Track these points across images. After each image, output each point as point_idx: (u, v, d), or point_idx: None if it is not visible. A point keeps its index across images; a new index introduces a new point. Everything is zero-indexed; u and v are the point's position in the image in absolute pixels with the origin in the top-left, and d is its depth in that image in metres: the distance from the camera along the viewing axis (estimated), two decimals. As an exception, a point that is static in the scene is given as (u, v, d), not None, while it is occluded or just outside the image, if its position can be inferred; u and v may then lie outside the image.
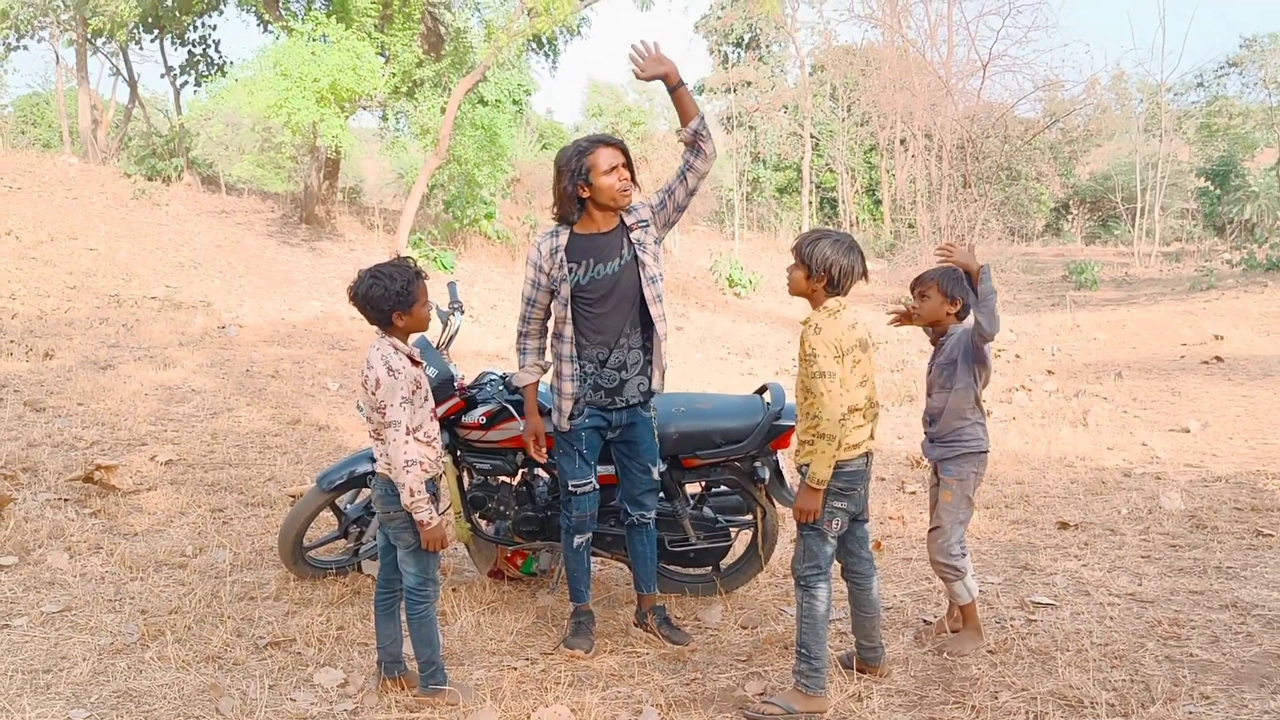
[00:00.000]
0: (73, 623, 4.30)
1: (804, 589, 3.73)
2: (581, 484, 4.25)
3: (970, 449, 4.18)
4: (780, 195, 37.73)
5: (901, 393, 11.04)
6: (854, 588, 3.94)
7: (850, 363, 3.60)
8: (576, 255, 4.07)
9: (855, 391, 3.64)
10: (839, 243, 3.60)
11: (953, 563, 4.14)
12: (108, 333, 10.51)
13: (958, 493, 4.17)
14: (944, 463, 4.24)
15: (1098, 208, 40.66)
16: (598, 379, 4.16)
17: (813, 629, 3.68)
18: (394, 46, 18.10)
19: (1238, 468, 7.25)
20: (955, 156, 19.77)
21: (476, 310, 15.26)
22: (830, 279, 3.59)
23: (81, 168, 19.80)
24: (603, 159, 3.99)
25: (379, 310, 3.50)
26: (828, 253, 3.57)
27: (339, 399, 9.19)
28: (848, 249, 3.60)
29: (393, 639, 3.80)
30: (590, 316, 4.10)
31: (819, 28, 36.78)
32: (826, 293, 3.63)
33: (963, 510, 4.19)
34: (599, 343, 4.13)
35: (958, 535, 4.16)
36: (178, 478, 6.50)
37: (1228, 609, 4.50)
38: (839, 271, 3.58)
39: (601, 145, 4.03)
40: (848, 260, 3.59)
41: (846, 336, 3.60)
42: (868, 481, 3.81)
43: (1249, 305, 16.62)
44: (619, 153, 4.05)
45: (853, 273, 3.61)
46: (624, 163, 4.05)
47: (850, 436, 3.63)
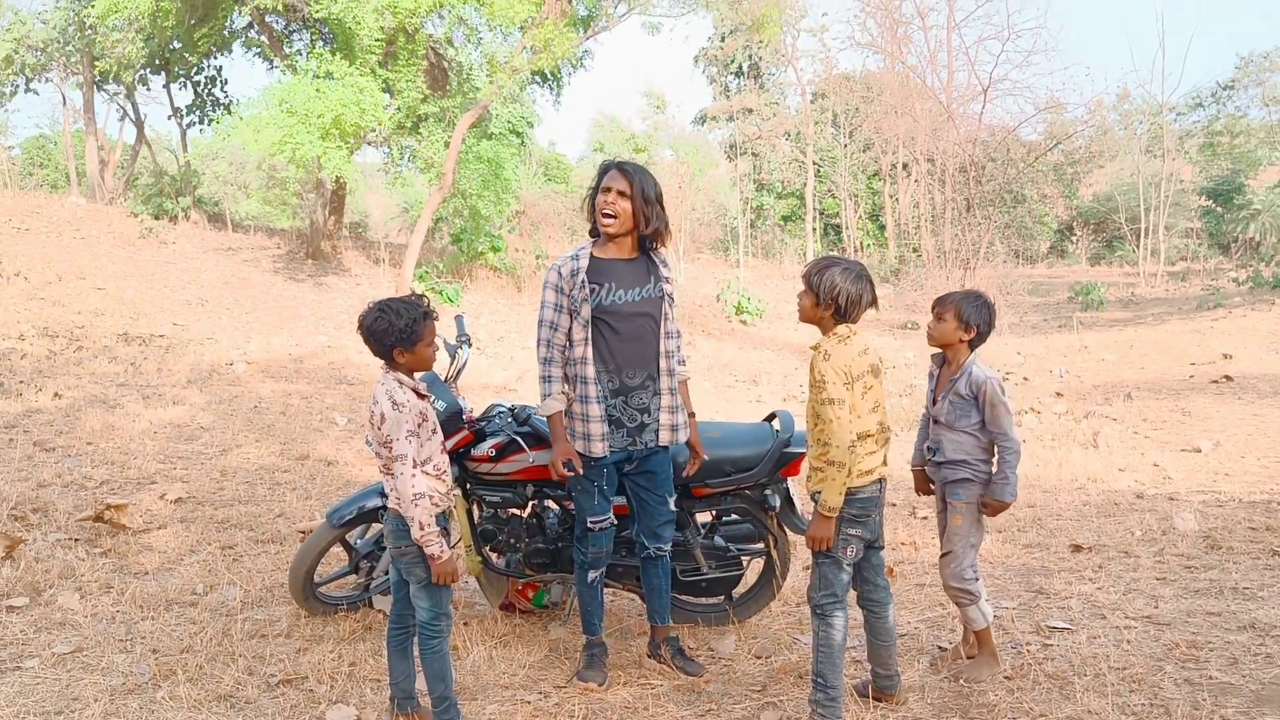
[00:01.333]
0: (84, 663, 4.29)
1: (820, 618, 3.71)
2: (600, 520, 4.23)
3: (975, 476, 4.14)
4: (785, 222, 37.84)
5: (910, 417, 11.01)
6: (870, 615, 3.91)
7: (861, 389, 3.60)
8: (597, 277, 4.10)
9: (867, 418, 3.63)
10: (848, 270, 3.60)
11: (966, 586, 4.11)
12: (116, 371, 10.54)
13: (967, 516, 4.14)
14: (951, 485, 4.21)
15: (1102, 228, 40.72)
16: (622, 416, 4.16)
17: (829, 658, 3.66)
18: (398, 83, 18.26)
19: (1251, 487, 7.21)
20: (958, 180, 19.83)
21: (483, 343, 15.28)
22: (838, 306, 3.59)
23: (89, 208, 19.95)
24: (606, 178, 4.15)
25: (381, 344, 3.50)
26: (836, 280, 3.57)
27: (347, 434, 9.20)
28: (856, 277, 3.60)
29: (405, 675, 3.78)
30: (609, 341, 4.11)
31: (820, 55, 37.01)
32: (835, 320, 3.63)
33: (974, 534, 4.16)
34: (614, 369, 4.13)
35: (970, 559, 4.14)
36: (187, 515, 6.49)
37: (1246, 630, 4.45)
38: (846, 299, 3.58)
39: (610, 169, 4.17)
40: (856, 288, 3.58)
41: (857, 363, 3.60)
42: (881, 508, 3.79)
43: (1257, 323, 16.58)
44: (620, 175, 4.13)
45: (861, 301, 3.61)
46: (619, 190, 4.10)
47: (862, 463, 3.62)
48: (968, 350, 4.16)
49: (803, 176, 35.76)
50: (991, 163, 19.31)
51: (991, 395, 4.03)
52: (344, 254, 21.21)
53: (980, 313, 4.11)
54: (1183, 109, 36.30)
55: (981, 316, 4.11)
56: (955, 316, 4.12)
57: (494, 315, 18.29)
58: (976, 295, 4.17)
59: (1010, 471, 4.02)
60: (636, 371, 4.14)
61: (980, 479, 4.12)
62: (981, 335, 4.13)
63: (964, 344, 4.15)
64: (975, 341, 4.14)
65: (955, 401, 4.13)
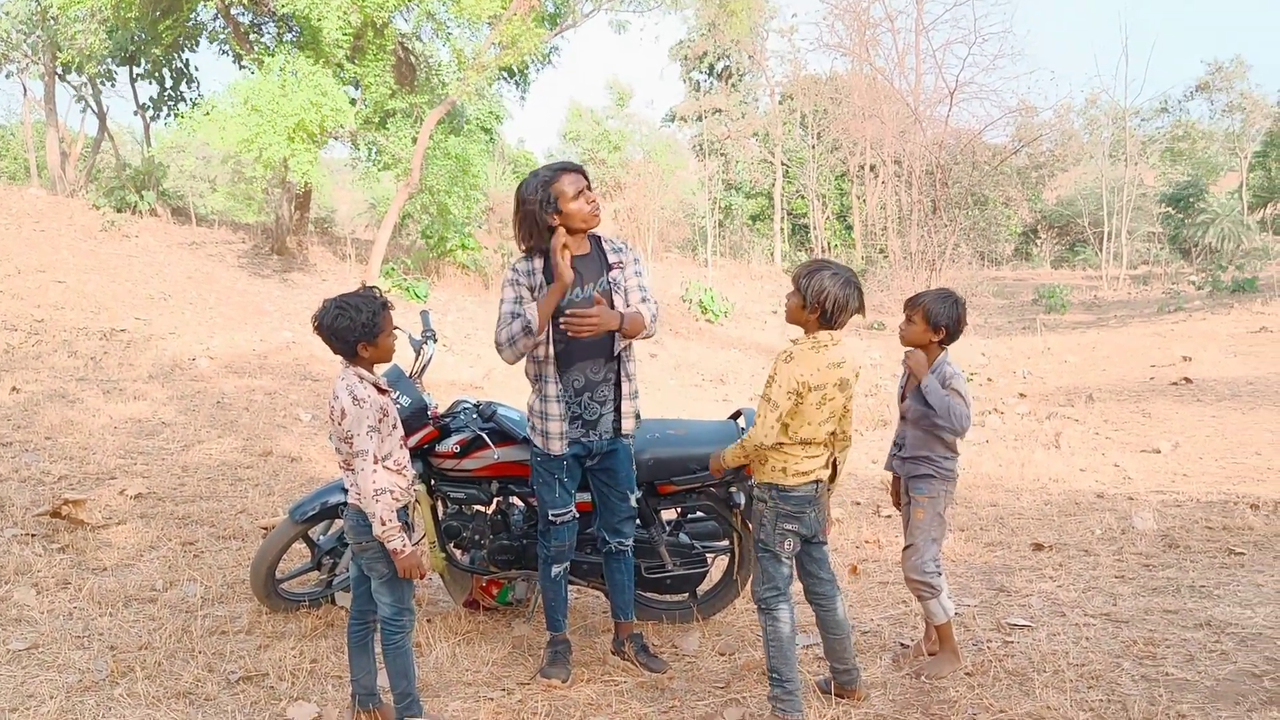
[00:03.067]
0: (40, 660, 4.23)
1: (765, 612, 3.75)
2: (562, 514, 4.22)
3: (937, 473, 4.18)
4: (753, 222, 37.94)
5: (875, 417, 11.08)
6: (819, 609, 3.94)
7: (818, 398, 3.61)
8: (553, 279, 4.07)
9: (816, 427, 3.66)
10: (837, 275, 3.60)
11: (927, 580, 4.14)
12: (76, 366, 10.40)
13: (930, 510, 4.18)
14: (914, 480, 4.24)
15: (1065, 232, 41.16)
16: (578, 408, 4.15)
17: (780, 651, 3.69)
18: (366, 78, 18.13)
19: (1209, 487, 7.31)
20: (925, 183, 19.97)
21: (450, 340, 15.22)
22: (824, 310, 3.59)
23: (49, 200, 19.66)
24: (568, 184, 4.01)
25: (344, 341, 3.47)
26: (825, 284, 3.57)
27: (311, 430, 9.12)
28: (845, 282, 3.59)
29: (367, 671, 3.75)
30: (568, 342, 4.07)
31: (789, 57, 37.11)
32: (819, 324, 3.63)
33: (935, 528, 4.19)
34: (576, 367, 4.11)
35: (932, 553, 4.17)
36: (148, 511, 6.41)
37: (1202, 628, 4.51)
38: (833, 304, 3.57)
39: (564, 172, 4.04)
40: (843, 293, 3.58)
41: (821, 374, 3.60)
42: (819, 506, 3.81)
43: (1216, 327, 16.82)
44: (581, 177, 4.08)
45: (847, 306, 3.60)
46: (587, 185, 4.08)
47: (801, 464, 3.69)
48: (939, 350, 4.19)
49: (771, 177, 35.87)
50: (957, 165, 19.46)
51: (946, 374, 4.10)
52: (310, 250, 21.04)
53: (949, 313, 4.13)
54: (1148, 114, 36.80)
55: (950, 316, 4.13)
56: (923, 318, 4.15)
57: (461, 313, 18.21)
58: (945, 295, 4.20)
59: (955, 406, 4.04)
60: (600, 366, 4.13)
61: (943, 475, 4.16)
62: (951, 334, 4.16)
63: (935, 344, 4.17)
64: (946, 341, 4.17)
65: (920, 399, 4.16)
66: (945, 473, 4.17)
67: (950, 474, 4.19)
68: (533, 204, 4.03)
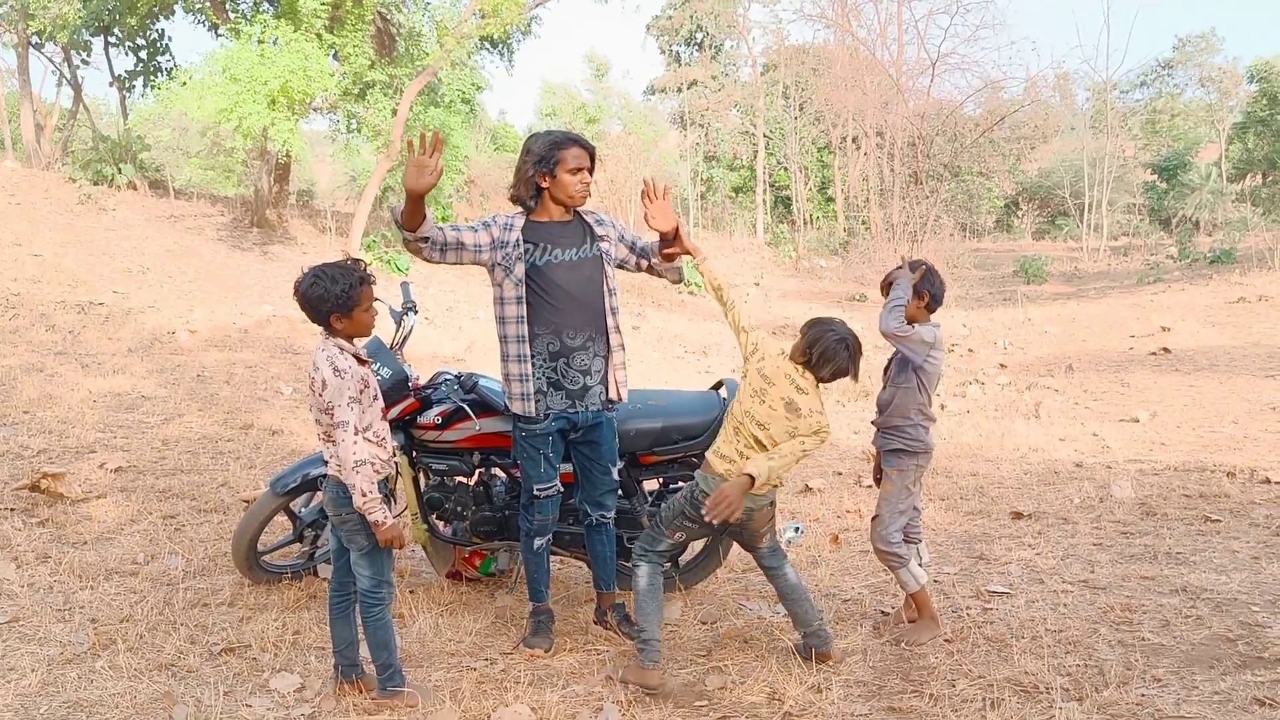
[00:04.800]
0: (20, 634, 4.21)
1: (633, 565, 4.04)
2: (546, 488, 4.22)
3: (908, 447, 4.23)
4: (735, 195, 37.87)
5: (856, 389, 11.11)
6: (771, 579, 4.07)
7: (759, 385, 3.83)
8: (533, 238, 4.07)
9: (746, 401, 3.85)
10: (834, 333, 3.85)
11: (892, 549, 4.20)
12: (54, 340, 10.32)
13: (897, 483, 4.24)
14: (886, 454, 4.31)
15: (1046, 204, 41.29)
16: (562, 379, 4.14)
17: (638, 605, 3.95)
18: (345, 48, 17.96)
19: (1186, 456, 7.38)
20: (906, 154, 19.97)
21: (431, 313, 15.17)
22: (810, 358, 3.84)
23: (24, 173, 19.43)
24: (571, 157, 4.02)
25: (317, 311, 3.45)
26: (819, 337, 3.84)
27: (292, 403, 9.09)
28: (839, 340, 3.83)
29: (348, 642, 3.76)
30: (546, 302, 4.06)
31: (771, 27, 36.96)
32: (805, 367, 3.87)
33: (902, 500, 4.24)
34: (554, 330, 4.08)
35: (897, 524, 4.22)
36: (128, 485, 6.39)
37: (1178, 594, 4.57)
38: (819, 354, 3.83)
39: (575, 144, 4.06)
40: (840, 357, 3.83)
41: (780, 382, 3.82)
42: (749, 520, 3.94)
43: (1194, 298, 16.92)
44: (588, 156, 4.08)
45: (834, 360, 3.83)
46: (589, 167, 4.09)
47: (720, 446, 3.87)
48: (927, 317, 4.24)
49: (752, 149, 35.78)
50: (939, 137, 19.47)
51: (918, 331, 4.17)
52: (290, 223, 20.90)
53: (928, 279, 4.21)
54: (1126, 86, 36.87)
55: (930, 282, 4.20)
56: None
57: (443, 285, 18.15)
58: (917, 264, 4.25)
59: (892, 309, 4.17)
60: (577, 332, 4.10)
61: (913, 449, 4.22)
62: (936, 299, 4.24)
63: (923, 311, 4.24)
64: (931, 305, 4.24)
65: (900, 359, 4.27)
66: (915, 445, 4.22)
67: (920, 446, 4.23)
68: (533, 156, 4.04)
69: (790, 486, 7.09)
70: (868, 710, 3.61)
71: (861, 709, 3.61)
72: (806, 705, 3.65)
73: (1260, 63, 35.32)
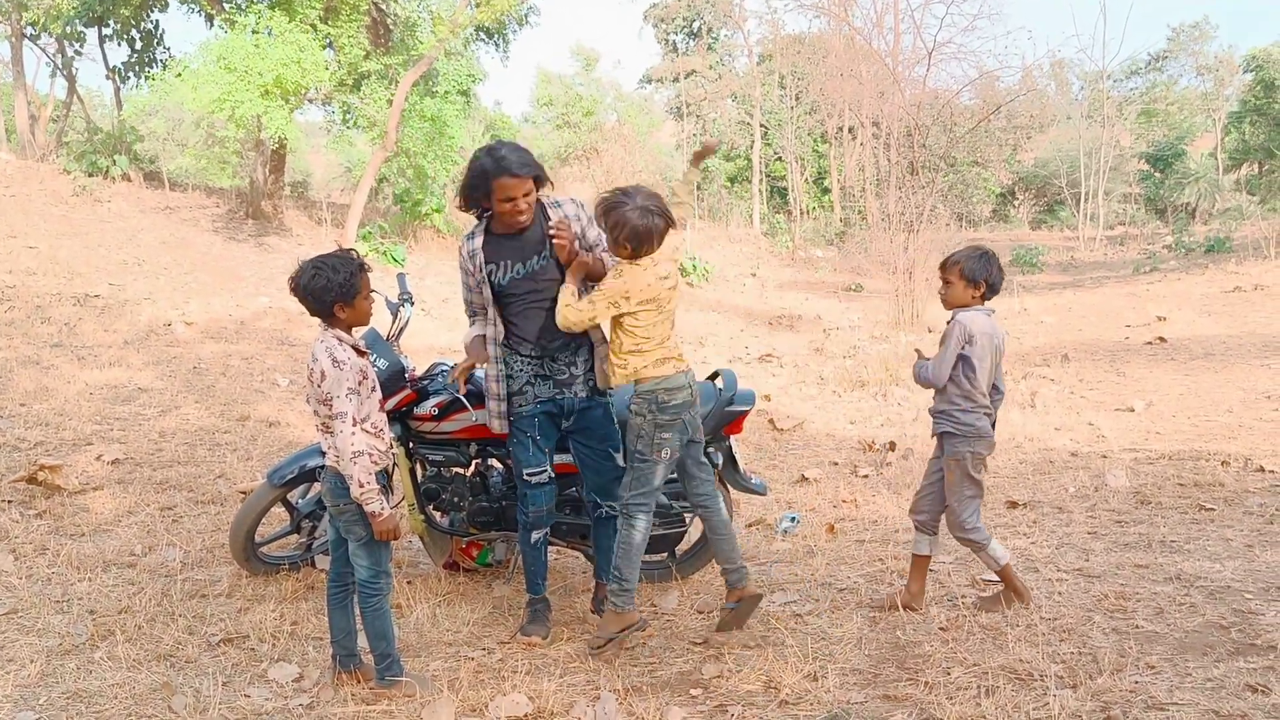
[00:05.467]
0: (19, 625, 4.22)
1: (626, 517, 3.98)
2: (536, 472, 4.22)
3: (957, 430, 4.26)
4: (731, 185, 37.84)
5: (852, 379, 11.13)
6: (702, 511, 4.13)
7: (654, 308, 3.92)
8: (494, 256, 4.09)
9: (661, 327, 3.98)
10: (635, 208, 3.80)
11: (970, 535, 4.30)
12: (50, 332, 10.31)
13: (957, 473, 4.30)
14: (941, 437, 4.37)
15: (1043, 193, 41.29)
16: (547, 372, 4.17)
17: (627, 555, 3.97)
18: (340, 39, 17.90)
19: (1181, 445, 7.41)
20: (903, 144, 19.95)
21: (428, 304, 15.16)
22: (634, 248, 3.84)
23: (19, 165, 19.37)
24: (501, 188, 3.92)
25: (321, 302, 3.46)
26: (626, 218, 3.79)
27: (289, 395, 9.10)
28: (643, 211, 3.79)
29: (347, 632, 3.77)
30: (514, 317, 4.14)
31: (767, 17, 36.88)
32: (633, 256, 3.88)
33: (967, 487, 4.30)
34: (531, 339, 4.15)
35: (970, 509, 4.30)
36: (125, 477, 6.40)
37: (1172, 581, 4.59)
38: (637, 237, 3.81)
39: (505, 176, 3.90)
40: (645, 222, 3.79)
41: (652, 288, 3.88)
42: (693, 408, 4.02)
43: (1190, 287, 16.96)
44: (519, 183, 3.93)
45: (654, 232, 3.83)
46: (525, 192, 3.96)
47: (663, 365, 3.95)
48: (982, 304, 4.30)
49: (749, 139, 35.73)
50: (934, 126, 19.46)
51: (947, 330, 4.22)
52: (285, 214, 20.85)
53: (985, 267, 4.24)
54: (1119, 76, 36.85)
55: (986, 270, 4.24)
56: (960, 276, 4.24)
57: (439, 277, 18.13)
58: (977, 250, 4.31)
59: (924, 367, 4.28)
60: (554, 336, 4.14)
61: (963, 433, 4.26)
62: (992, 287, 4.27)
63: (977, 299, 4.27)
64: (986, 295, 4.26)
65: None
66: (963, 429, 4.25)
67: (969, 431, 4.25)
68: (471, 181, 4.03)
69: (786, 476, 7.11)
70: (863, 698, 3.62)
71: (857, 697, 3.63)
72: (803, 693, 3.67)
73: (1258, 51, 35.29)
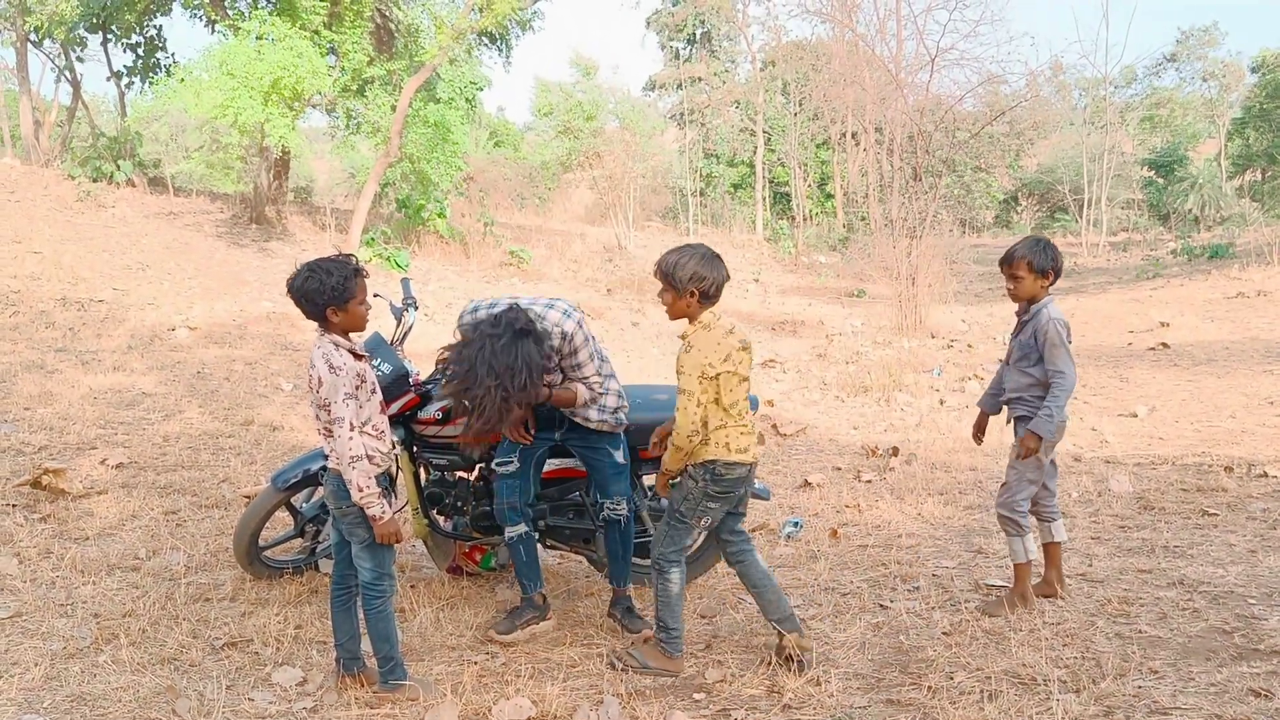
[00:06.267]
0: (23, 628, 4.23)
1: (659, 571, 3.90)
2: (504, 461, 4.28)
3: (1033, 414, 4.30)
4: (734, 191, 37.84)
5: (855, 384, 11.13)
6: (739, 567, 4.04)
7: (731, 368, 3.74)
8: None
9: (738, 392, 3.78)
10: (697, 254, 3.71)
11: (1015, 517, 4.33)
12: (54, 337, 10.33)
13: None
14: (1017, 421, 4.42)
15: (1046, 199, 41.26)
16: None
17: (668, 606, 3.90)
18: (343, 45, 17.94)
19: (1184, 450, 7.40)
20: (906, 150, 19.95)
21: (431, 309, 15.17)
22: (702, 292, 3.71)
23: (24, 170, 19.42)
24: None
25: (314, 305, 3.47)
26: (692, 268, 3.68)
27: (292, 399, 9.11)
28: (704, 258, 3.71)
29: (350, 635, 3.78)
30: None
31: (769, 23, 36.90)
32: (701, 306, 3.75)
33: (1031, 470, 4.33)
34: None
35: (1025, 493, 4.33)
36: (129, 481, 6.40)
37: (1175, 587, 4.59)
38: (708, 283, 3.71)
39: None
40: (711, 270, 3.70)
41: (723, 347, 3.73)
42: (748, 484, 3.93)
43: (1193, 293, 16.94)
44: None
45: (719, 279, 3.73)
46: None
47: (739, 440, 3.77)
48: (1046, 293, 4.33)
49: (752, 145, 35.74)
50: (937, 132, 19.45)
51: (1052, 336, 4.21)
52: (289, 219, 20.86)
53: (1049, 255, 4.29)
54: (1120, 82, 36.83)
55: (1049, 259, 4.28)
56: (1029, 269, 4.28)
57: (442, 282, 18.14)
58: (1037, 241, 4.35)
59: (1054, 406, 4.19)
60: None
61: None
62: (1058, 273, 4.33)
63: (1045, 290, 4.32)
64: (1053, 281, 4.33)
65: (1023, 342, 4.35)
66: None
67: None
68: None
69: (790, 481, 7.10)
70: (866, 702, 3.63)
71: (860, 701, 3.64)
72: (806, 698, 3.67)
73: (1268, 53, 35.17)
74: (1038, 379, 4.30)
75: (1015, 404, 4.42)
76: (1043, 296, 4.34)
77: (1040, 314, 4.30)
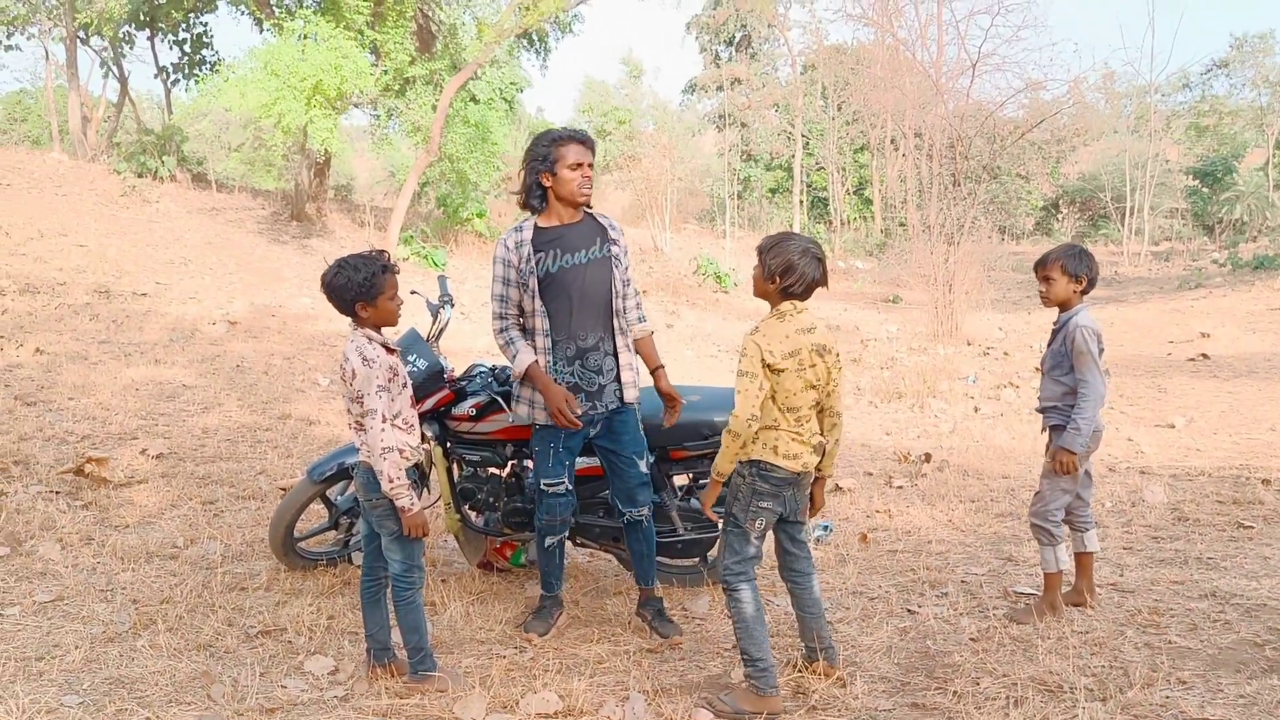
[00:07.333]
0: (65, 612, 4.33)
1: (729, 592, 3.65)
2: (553, 483, 4.24)
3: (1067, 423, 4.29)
4: (772, 195, 37.81)
5: (890, 390, 11.10)
6: (793, 587, 3.87)
7: (794, 364, 3.52)
8: (542, 246, 4.12)
9: (797, 395, 3.55)
10: (799, 247, 3.54)
11: (1048, 527, 4.33)
12: (98, 329, 10.52)
13: None
14: (1052, 429, 4.40)
15: (1087, 207, 40.85)
16: (580, 381, 4.18)
17: (746, 631, 3.60)
18: (386, 44, 18.11)
19: (1220, 462, 7.33)
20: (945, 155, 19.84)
21: (467, 307, 15.28)
22: (784, 284, 3.53)
23: (71, 165, 19.78)
24: (571, 153, 4.06)
25: (342, 300, 3.55)
26: (787, 256, 3.51)
27: (329, 394, 9.22)
28: (805, 253, 3.52)
29: (380, 626, 3.84)
30: (560, 306, 4.12)
31: (811, 26, 36.84)
32: (780, 296, 3.57)
33: (1065, 480, 4.32)
34: (568, 334, 4.15)
35: (1059, 501, 4.34)
36: (169, 471, 6.52)
37: (1207, 598, 4.55)
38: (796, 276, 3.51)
39: (573, 141, 4.09)
40: (804, 264, 3.51)
41: (792, 340, 3.52)
42: (801, 489, 3.72)
43: (1235, 304, 16.74)
44: (587, 151, 4.11)
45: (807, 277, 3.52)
46: (590, 163, 4.12)
47: (790, 445, 3.57)
48: (1080, 299, 4.34)
49: (790, 149, 35.69)
50: (977, 138, 19.34)
51: (1079, 343, 4.22)
52: (328, 217, 21.11)
53: (1085, 261, 4.30)
54: (1168, 90, 36.36)
55: (1084, 266, 4.29)
56: (1062, 272, 4.30)
57: (479, 280, 18.26)
58: (1072, 247, 4.36)
59: (1081, 419, 4.18)
60: (588, 333, 4.16)
61: None
62: (1091, 282, 4.32)
63: (1078, 295, 4.32)
64: (1088, 288, 4.32)
65: (1055, 350, 4.36)
66: None
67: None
68: (534, 157, 4.10)
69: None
70: (891, 706, 3.63)
71: (885, 704, 3.64)
72: (831, 700, 3.68)
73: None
74: (1070, 387, 4.30)
75: (1050, 413, 4.41)
76: (1076, 303, 4.33)
77: (1070, 321, 4.30)
